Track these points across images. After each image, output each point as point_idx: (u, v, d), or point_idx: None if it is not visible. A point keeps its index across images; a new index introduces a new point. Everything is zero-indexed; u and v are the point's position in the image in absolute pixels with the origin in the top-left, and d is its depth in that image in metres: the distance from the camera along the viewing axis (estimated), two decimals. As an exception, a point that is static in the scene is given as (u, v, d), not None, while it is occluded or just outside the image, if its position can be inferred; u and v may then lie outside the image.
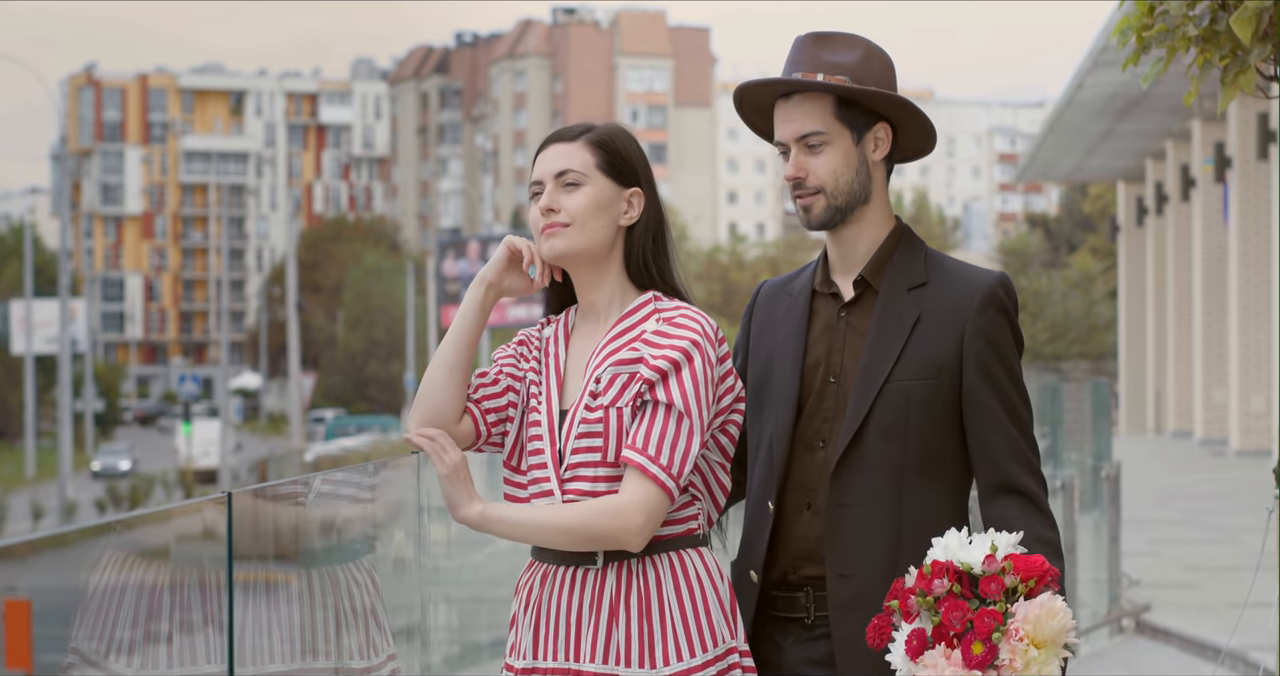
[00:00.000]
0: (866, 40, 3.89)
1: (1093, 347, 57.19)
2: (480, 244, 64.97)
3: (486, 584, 6.82)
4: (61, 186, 61.05)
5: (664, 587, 3.65)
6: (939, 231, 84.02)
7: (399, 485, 4.52)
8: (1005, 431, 3.77)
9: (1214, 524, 17.75)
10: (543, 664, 3.68)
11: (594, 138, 3.75)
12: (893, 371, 3.76)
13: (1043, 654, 3.46)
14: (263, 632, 3.80)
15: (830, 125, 3.81)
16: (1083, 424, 13.45)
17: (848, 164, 3.82)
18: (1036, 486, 3.78)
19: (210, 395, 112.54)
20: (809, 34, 3.90)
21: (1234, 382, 27.77)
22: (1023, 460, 3.77)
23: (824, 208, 3.82)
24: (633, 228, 3.76)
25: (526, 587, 3.75)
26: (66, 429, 53.04)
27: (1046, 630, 3.47)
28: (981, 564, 3.47)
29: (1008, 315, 3.82)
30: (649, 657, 3.62)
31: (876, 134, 3.85)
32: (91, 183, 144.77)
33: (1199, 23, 5.39)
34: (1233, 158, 27.76)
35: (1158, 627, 12.14)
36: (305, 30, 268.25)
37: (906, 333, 3.78)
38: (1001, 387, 3.78)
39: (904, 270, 3.84)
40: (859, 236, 3.86)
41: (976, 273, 3.86)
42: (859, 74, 3.83)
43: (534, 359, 3.81)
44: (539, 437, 3.73)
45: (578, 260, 3.74)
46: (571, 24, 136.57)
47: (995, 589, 3.45)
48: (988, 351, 3.78)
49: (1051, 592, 3.50)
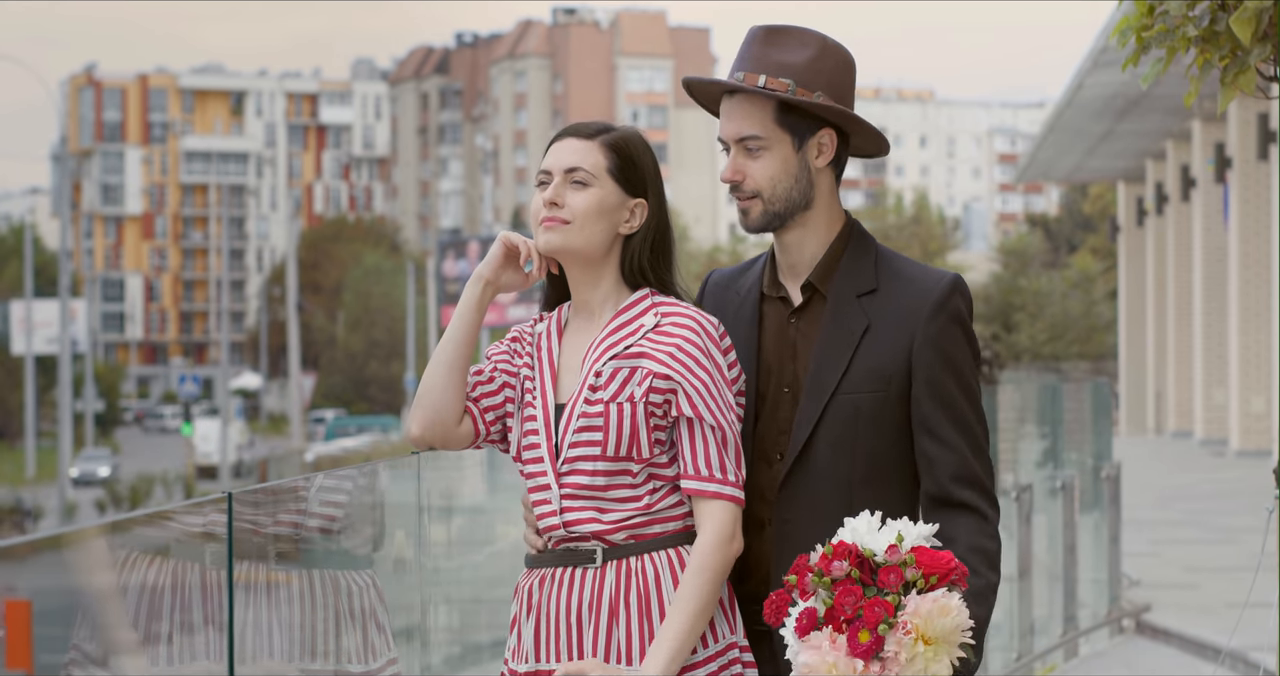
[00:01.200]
0: (822, 37, 3.75)
1: (1093, 348, 57.17)
2: (480, 244, 65.02)
3: (487, 584, 6.82)
4: (62, 187, 61.05)
5: (663, 585, 3.65)
6: (939, 232, 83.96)
7: (399, 485, 4.52)
8: (950, 445, 3.66)
9: (1214, 524, 17.75)
10: (545, 666, 3.68)
11: (610, 140, 3.74)
12: (840, 383, 3.68)
13: (930, 651, 3.36)
14: (262, 633, 3.80)
15: (770, 130, 3.71)
16: (1083, 424, 13.44)
17: (786, 171, 3.72)
18: (980, 499, 3.66)
19: (210, 395, 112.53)
20: (761, 28, 3.76)
21: (1234, 383, 27.77)
22: (966, 477, 3.66)
23: (760, 212, 3.73)
24: (631, 236, 3.75)
25: (526, 590, 3.75)
26: (66, 429, 53.08)
27: (937, 627, 3.37)
28: (884, 553, 3.41)
29: (960, 322, 3.71)
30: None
31: (820, 140, 3.74)
32: (92, 183, 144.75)
33: (1199, 23, 5.39)
34: (1233, 158, 27.76)
35: (1158, 628, 12.14)
36: (305, 30, 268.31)
37: (855, 343, 3.69)
38: (949, 399, 3.67)
39: (853, 275, 3.74)
40: (803, 240, 3.77)
41: (929, 276, 3.74)
42: (806, 76, 3.70)
43: (527, 354, 3.81)
44: (534, 432, 3.73)
45: (573, 258, 3.74)
46: (571, 24, 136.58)
47: (894, 580, 3.37)
48: (937, 361, 3.68)
49: (950, 590, 3.39)
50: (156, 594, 3.49)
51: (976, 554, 3.62)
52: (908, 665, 3.36)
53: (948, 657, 3.39)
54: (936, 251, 79.67)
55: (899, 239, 77.62)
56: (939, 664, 3.38)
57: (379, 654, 4.12)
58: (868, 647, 3.35)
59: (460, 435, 3.79)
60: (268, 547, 3.88)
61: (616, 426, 3.64)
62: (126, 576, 3.41)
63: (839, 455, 3.67)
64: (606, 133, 3.75)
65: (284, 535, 3.97)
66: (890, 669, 3.36)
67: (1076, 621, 11.91)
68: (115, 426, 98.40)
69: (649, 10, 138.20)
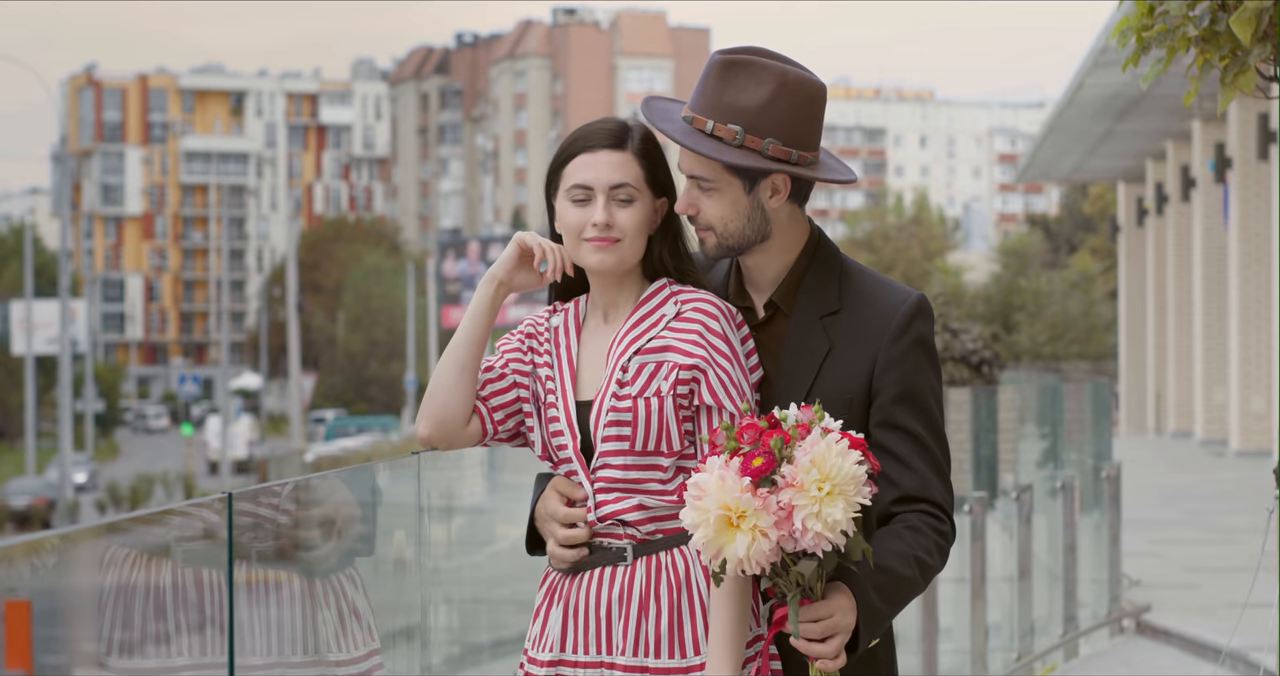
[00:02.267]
0: (782, 72, 3.62)
1: (1093, 348, 57.15)
2: (480, 244, 64.99)
3: (487, 584, 6.82)
4: (62, 187, 61.06)
5: (693, 578, 3.67)
6: (939, 232, 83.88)
7: (399, 485, 4.52)
8: (910, 466, 3.64)
9: (1214, 524, 17.75)
10: (571, 657, 3.69)
11: (640, 150, 3.74)
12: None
13: (826, 484, 3.33)
14: (261, 633, 3.80)
15: (718, 175, 3.66)
16: (1083, 424, 13.45)
17: (737, 211, 3.67)
18: (924, 521, 3.64)
19: (210, 396, 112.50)
20: (719, 61, 3.64)
21: (1234, 383, 27.77)
22: (918, 499, 3.64)
23: (715, 245, 3.71)
24: (653, 233, 3.78)
25: (553, 582, 3.75)
26: (67, 429, 53.10)
27: (831, 464, 3.34)
28: (798, 414, 3.43)
29: (922, 344, 3.68)
30: (679, 648, 3.64)
31: (773, 183, 3.67)
32: (92, 183, 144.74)
33: (1199, 23, 5.39)
34: (1233, 158, 27.75)
35: (1158, 628, 12.14)
36: (305, 31, 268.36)
37: (817, 366, 3.68)
38: (905, 423, 3.65)
39: (816, 295, 3.71)
40: (765, 263, 3.75)
41: (893, 295, 3.71)
42: (757, 120, 3.60)
43: (545, 352, 3.81)
44: (560, 433, 3.74)
45: (619, 270, 3.76)
46: (572, 24, 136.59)
47: (801, 432, 3.39)
48: (897, 384, 3.66)
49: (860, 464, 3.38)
50: (156, 594, 3.49)
51: (900, 559, 3.58)
52: (799, 495, 3.34)
53: (844, 504, 3.35)
54: (936, 251, 79.64)
55: (899, 239, 77.62)
56: (833, 506, 3.34)
57: (359, 644, 4.11)
58: (759, 469, 3.34)
59: (468, 435, 3.80)
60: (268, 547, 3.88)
61: (645, 421, 3.65)
62: (126, 576, 3.41)
63: None
64: (631, 138, 3.75)
65: (284, 535, 3.97)
66: (782, 497, 3.34)
67: (1077, 621, 11.91)
68: (115, 427, 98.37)
69: (649, 10, 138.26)
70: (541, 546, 3.81)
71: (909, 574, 3.58)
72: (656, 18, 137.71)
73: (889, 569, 3.54)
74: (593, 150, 3.72)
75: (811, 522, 3.34)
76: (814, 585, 3.44)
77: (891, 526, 3.63)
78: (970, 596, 9.90)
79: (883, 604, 3.54)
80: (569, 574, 3.72)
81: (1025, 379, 33.44)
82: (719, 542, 3.37)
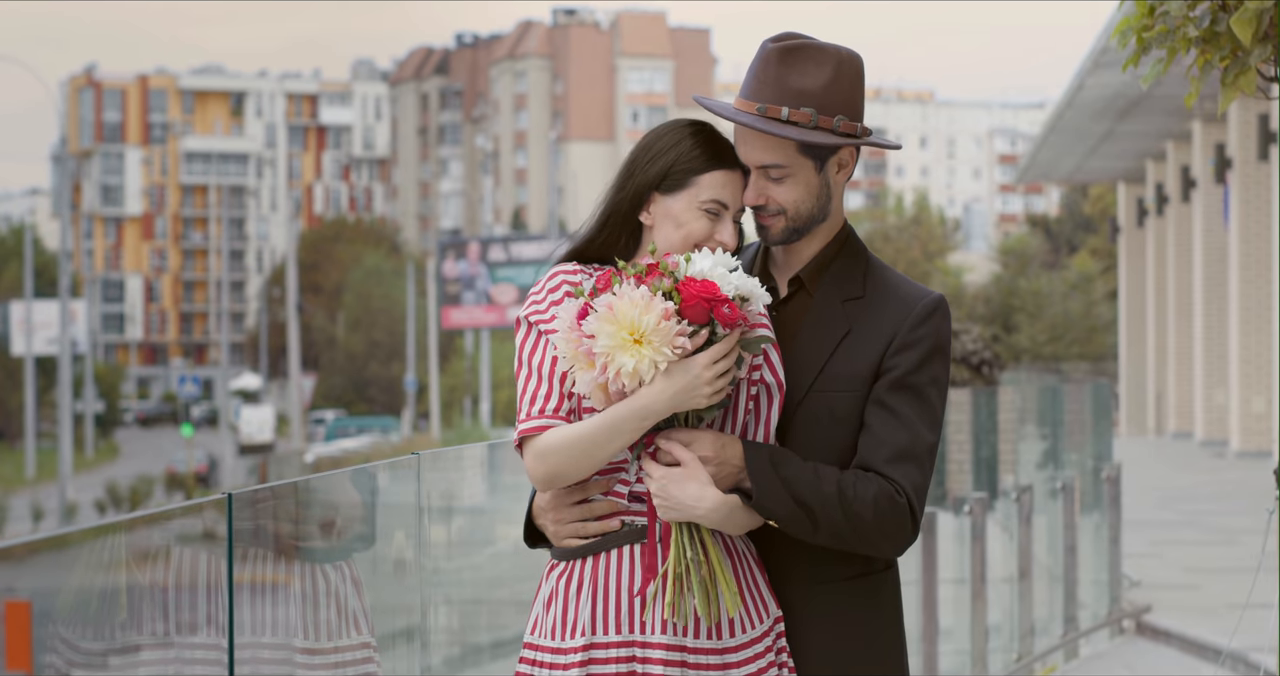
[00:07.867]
0: (835, 51, 3.74)
1: (1093, 349, 57.18)
2: (480, 245, 64.88)
3: (487, 585, 6.81)
4: (62, 187, 61.07)
5: (731, 544, 3.68)
6: (939, 232, 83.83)
7: (399, 486, 4.52)
8: (876, 446, 3.65)
9: (1214, 525, 17.75)
10: (603, 638, 3.63)
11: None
12: (814, 383, 3.71)
13: (622, 337, 3.45)
14: (261, 633, 3.80)
15: (792, 159, 3.73)
16: (1083, 425, 13.46)
17: (809, 192, 3.75)
18: (872, 479, 3.63)
19: (210, 396, 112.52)
20: (774, 49, 3.74)
21: (1234, 384, 27.77)
22: (878, 473, 3.64)
23: (783, 229, 3.76)
24: None
25: (566, 569, 3.69)
26: (66, 430, 53.11)
27: (628, 314, 3.46)
28: (658, 256, 3.58)
29: (937, 338, 3.72)
30: (714, 629, 3.62)
31: (840, 158, 3.78)
32: (92, 184, 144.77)
33: (1199, 24, 5.40)
34: (1233, 159, 27.75)
35: (1158, 629, 12.14)
36: (305, 31, 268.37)
37: (833, 346, 3.72)
38: (893, 404, 3.68)
39: (842, 280, 3.78)
40: (806, 245, 3.81)
41: (916, 292, 3.77)
42: (826, 100, 3.71)
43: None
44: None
45: None
46: (572, 25, 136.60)
47: (651, 281, 3.51)
48: (900, 368, 3.69)
49: (705, 329, 3.49)
50: (156, 594, 3.49)
51: (835, 480, 3.60)
52: (597, 342, 3.48)
53: (646, 357, 3.46)
54: (937, 252, 79.60)
55: (899, 239, 77.57)
56: (625, 353, 3.46)
57: (347, 634, 4.09)
58: (580, 312, 3.52)
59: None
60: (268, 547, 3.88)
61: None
62: (126, 576, 3.41)
63: (809, 454, 3.68)
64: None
65: (284, 535, 3.97)
66: (582, 342, 3.49)
67: (1077, 622, 11.91)
68: (115, 427, 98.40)
69: (649, 11, 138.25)
70: (539, 539, 3.79)
71: (826, 488, 3.59)
72: (656, 18, 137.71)
73: (804, 462, 3.61)
74: (732, 169, 3.75)
75: (612, 367, 3.48)
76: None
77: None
78: (970, 597, 9.91)
79: (776, 475, 3.57)
80: (585, 557, 3.68)
81: (1025, 379, 33.45)
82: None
